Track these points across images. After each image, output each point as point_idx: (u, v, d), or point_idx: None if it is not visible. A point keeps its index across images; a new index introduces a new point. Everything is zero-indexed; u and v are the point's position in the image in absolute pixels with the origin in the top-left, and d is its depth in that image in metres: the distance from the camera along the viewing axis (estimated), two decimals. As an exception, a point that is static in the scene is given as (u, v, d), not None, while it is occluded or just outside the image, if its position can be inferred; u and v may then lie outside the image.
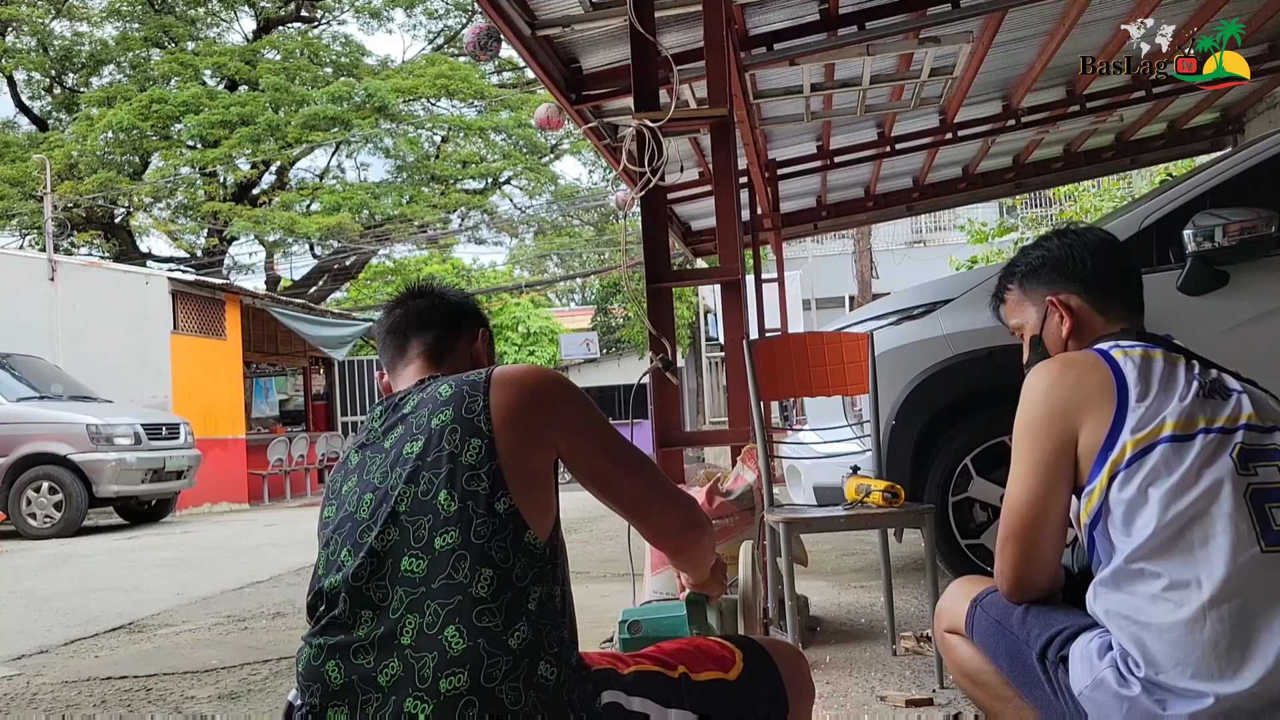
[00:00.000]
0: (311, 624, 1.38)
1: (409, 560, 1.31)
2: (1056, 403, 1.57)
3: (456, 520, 1.31)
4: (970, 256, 14.56)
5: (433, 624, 1.27)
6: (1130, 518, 1.48)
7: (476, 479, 1.34)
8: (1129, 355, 1.57)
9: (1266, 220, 3.26)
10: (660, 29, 4.22)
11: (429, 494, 1.34)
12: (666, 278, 3.74)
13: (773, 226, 9.21)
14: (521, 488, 1.35)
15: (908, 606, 3.79)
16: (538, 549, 1.34)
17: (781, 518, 2.86)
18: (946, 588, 1.84)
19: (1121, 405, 1.52)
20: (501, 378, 1.42)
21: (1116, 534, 1.50)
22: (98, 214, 21.46)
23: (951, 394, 3.61)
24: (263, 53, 22.74)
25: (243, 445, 14.30)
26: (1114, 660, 1.43)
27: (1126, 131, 9.16)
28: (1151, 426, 1.49)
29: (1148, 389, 1.53)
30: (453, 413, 1.39)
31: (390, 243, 23.73)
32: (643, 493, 1.50)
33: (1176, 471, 1.46)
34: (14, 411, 10.23)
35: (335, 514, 1.45)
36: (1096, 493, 1.52)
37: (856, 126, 7.99)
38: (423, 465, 1.36)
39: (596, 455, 1.46)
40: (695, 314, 22.33)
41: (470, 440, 1.36)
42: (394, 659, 1.27)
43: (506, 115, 22.56)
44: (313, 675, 1.32)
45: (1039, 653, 1.53)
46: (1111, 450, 1.51)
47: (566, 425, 1.43)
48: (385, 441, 1.44)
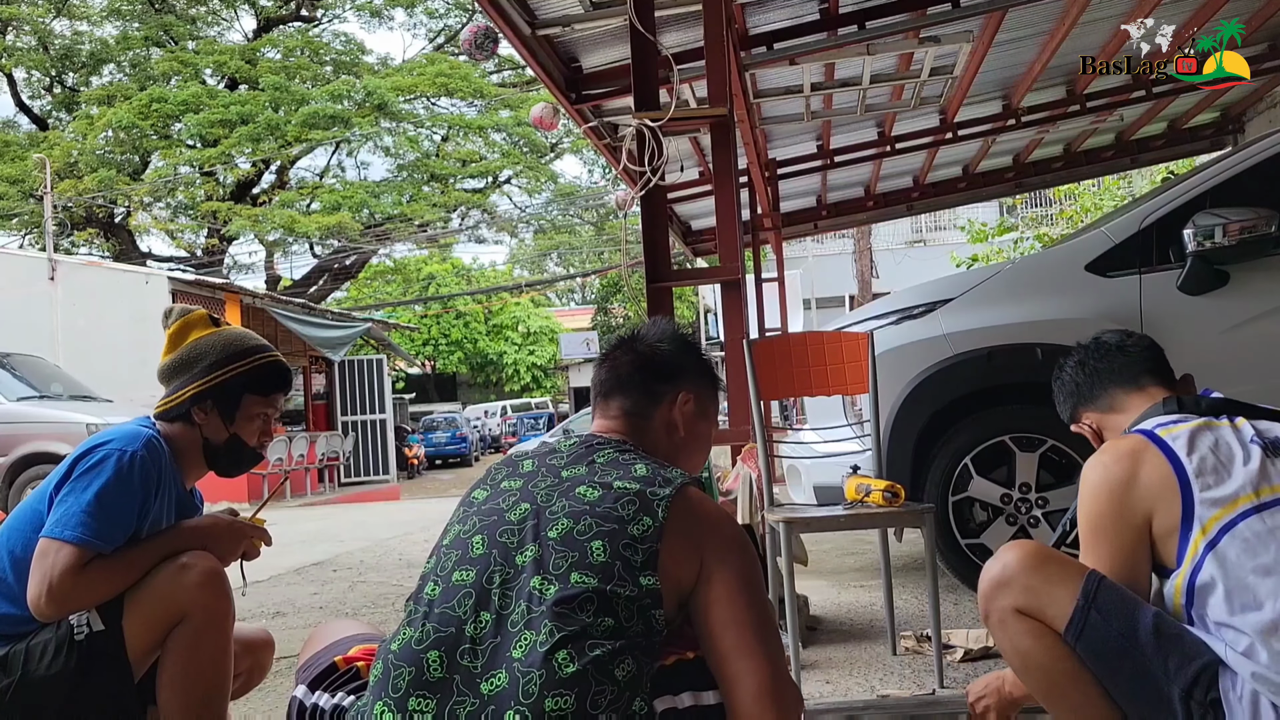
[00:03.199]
0: (418, 601, 1.39)
1: (541, 580, 1.33)
2: (1118, 494, 1.61)
3: (600, 570, 1.34)
4: (970, 256, 14.55)
5: (545, 643, 1.27)
6: (1232, 594, 1.48)
7: (633, 549, 1.37)
8: (1174, 433, 1.61)
9: (1267, 220, 3.25)
10: (660, 28, 4.22)
11: (584, 535, 1.37)
12: (666, 277, 3.74)
13: (773, 226, 9.21)
14: (667, 582, 1.37)
15: (908, 606, 3.79)
16: (658, 627, 1.35)
17: (781, 517, 2.86)
18: (1004, 554, 1.68)
19: (1184, 485, 1.55)
20: (694, 491, 1.46)
21: (1217, 608, 1.50)
22: (97, 213, 21.47)
23: (951, 394, 3.60)
24: (263, 52, 22.75)
25: (242, 445, 14.30)
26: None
27: (1126, 131, 9.16)
28: (1227, 503, 1.51)
29: (1204, 464, 1.55)
30: (638, 487, 1.42)
31: (390, 242, 23.74)
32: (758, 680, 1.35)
33: (1270, 541, 1.47)
34: (14, 411, 10.22)
35: (484, 500, 1.50)
36: (1182, 574, 1.54)
37: (856, 126, 7.99)
38: (589, 512, 1.40)
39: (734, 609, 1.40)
40: (695, 313, 22.34)
41: (643, 518, 1.39)
42: (502, 670, 1.28)
43: (506, 114, 22.57)
44: (410, 658, 1.32)
45: (1184, 690, 1.47)
46: (1191, 530, 1.53)
47: (723, 563, 1.41)
48: (564, 471, 1.49)
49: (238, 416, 2.09)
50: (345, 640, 1.63)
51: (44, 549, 1.84)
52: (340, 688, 1.51)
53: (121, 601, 1.88)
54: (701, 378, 1.68)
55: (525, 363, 28.54)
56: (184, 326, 2.13)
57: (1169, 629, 1.51)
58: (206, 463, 2.11)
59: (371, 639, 1.64)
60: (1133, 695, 1.53)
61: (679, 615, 1.41)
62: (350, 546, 7.47)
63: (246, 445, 2.12)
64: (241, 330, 2.19)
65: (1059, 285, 3.61)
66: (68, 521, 1.84)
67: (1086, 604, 1.55)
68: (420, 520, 9.37)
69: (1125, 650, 1.52)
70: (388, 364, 19.59)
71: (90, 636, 1.85)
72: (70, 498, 1.87)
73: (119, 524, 1.90)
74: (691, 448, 1.68)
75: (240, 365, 2.09)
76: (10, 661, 1.84)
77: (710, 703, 1.36)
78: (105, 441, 1.95)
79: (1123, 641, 1.52)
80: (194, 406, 2.06)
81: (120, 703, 1.88)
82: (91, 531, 1.84)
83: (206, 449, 2.09)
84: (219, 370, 2.07)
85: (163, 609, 1.88)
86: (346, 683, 1.52)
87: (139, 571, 1.90)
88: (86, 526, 1.84)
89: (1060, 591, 1.58)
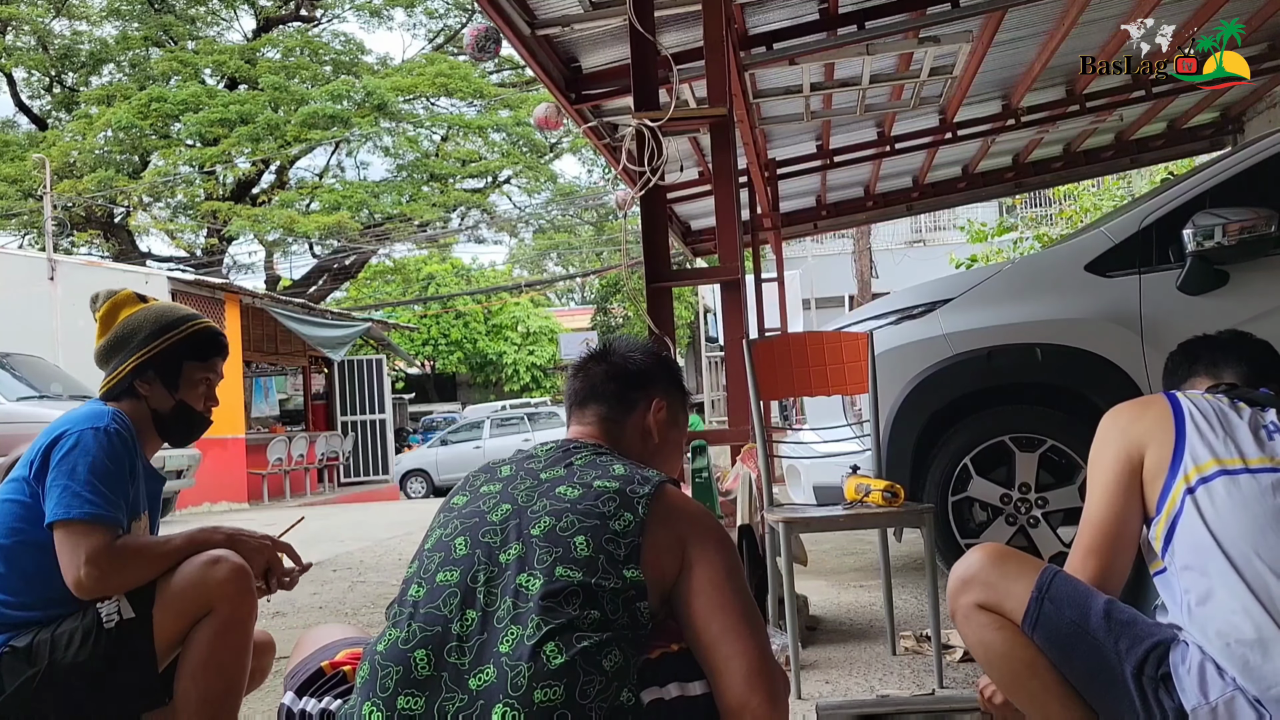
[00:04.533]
0: (403, 603, 1.41)
1: (526, 576, 1.36)
2: (1120, 427, 1.73)
3: (584, 565, 1.36)
4: (970, 256, 14.54)
5: (533, 636, 1.29)
6: (1195, 543, 1.55)
7: (616, 544, 1.40)
8: (1192, 398, 1.71)
9: (1266, 220, 3.25)
10: (660, 28, 4.22)
11: (567, 531, 1.40)
12: (666, 277, 3.75)
13: (772, 226, 9.21)
14: (650, 574, 1.40)
15: (907, 606, 3.79)
16: (643, 620, 1.37)
17: (781, 517, 2.86)
18: (969, 555, 1.76)
19: (1180, 433, 1.64)
20: (672, 489, 1.51)
21: (1185, 553, 1.56)
22: (97, 213, 21.46)
23: (951, 394, 3.60)
24: (262, 51, 22.74)
25: (242, 445, 14.30)
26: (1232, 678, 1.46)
27: (1126, 131, 9.16)
28: (1209, 459, 1.59)
29: (1206, 423, 1.64)
30: (618, 485, 1.46)
31: (390, 242, 23.73)
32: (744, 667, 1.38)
33: (1229, 505, 1.54)
34: (14, 411, 10.21)
35: (464, 504, 1.53)
36: (1164, 518, 1.61)
37: (856, 126, 7.99)
38: (571, 510, 1.43)
39: (716, 600, 1.43)
40: (695, 313, 22.33)
41: (624, 514, 1.43)
42: (489, 665, 1.30)
43: (506, 114, 22.57)
44: (397, 657, 1.33)
45: (1135, 668, 1.52)
46: (1176, 475, 1.61)
47: (705, 553, 1.45)
48: (543, 474, 1.52)
49: (180, 383, 2.12)
50: (332, 645, 1.64)
51: (66, 532, 1.86)
52: (327, 692, 1.52)
53: (153, 589, 1.91)
54: (672, 386, 1.73)
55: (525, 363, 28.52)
56: (113, 307, 2.16)
57: (1120, 615, 1.58)
58: (159, 433, 2.14)
59: (358, 643, 1.64)
60: (1089, 679, 1.59)
61: (663, 609, 1.43)
62: (350, 547, 7.47)
63: (194, 410, 2.16)
64: (169, 303, 2.24)
65: (1059, 285, 3.61)
66: (73, 502, 1.87)
67: (1040, 595, 1.63)
68: (420, 521, 9.37)
69: (1078, 636, 1.58)
70: (387, 364, 19.60)
71: (120, 625, 1.88)
72: (64, 480, 1.89)
73: (119, 494, 1.94)
74: (665, 453, 1.73)
75: (175, 333, 2.12)
76: (36, 650, 1.86)
77: (696, 693, 1.38)
78: (71, 426, 1.97)
79: (1075, 628, 1.59)
80: (136, 380, 2.09)
81: (146, 691, 1.92)
82: (101, 505, 1.88)
83: (156, 420, 2.12)
84: (155, 340, 2.10)
85: (192, 600, 1.91)
86: (333, 687, 1.52)
87: (171, 560, 1.94)
88: (94, 503, 1.87)
89: (1017, 586, 1.66)
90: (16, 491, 1.97)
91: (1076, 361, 3.46)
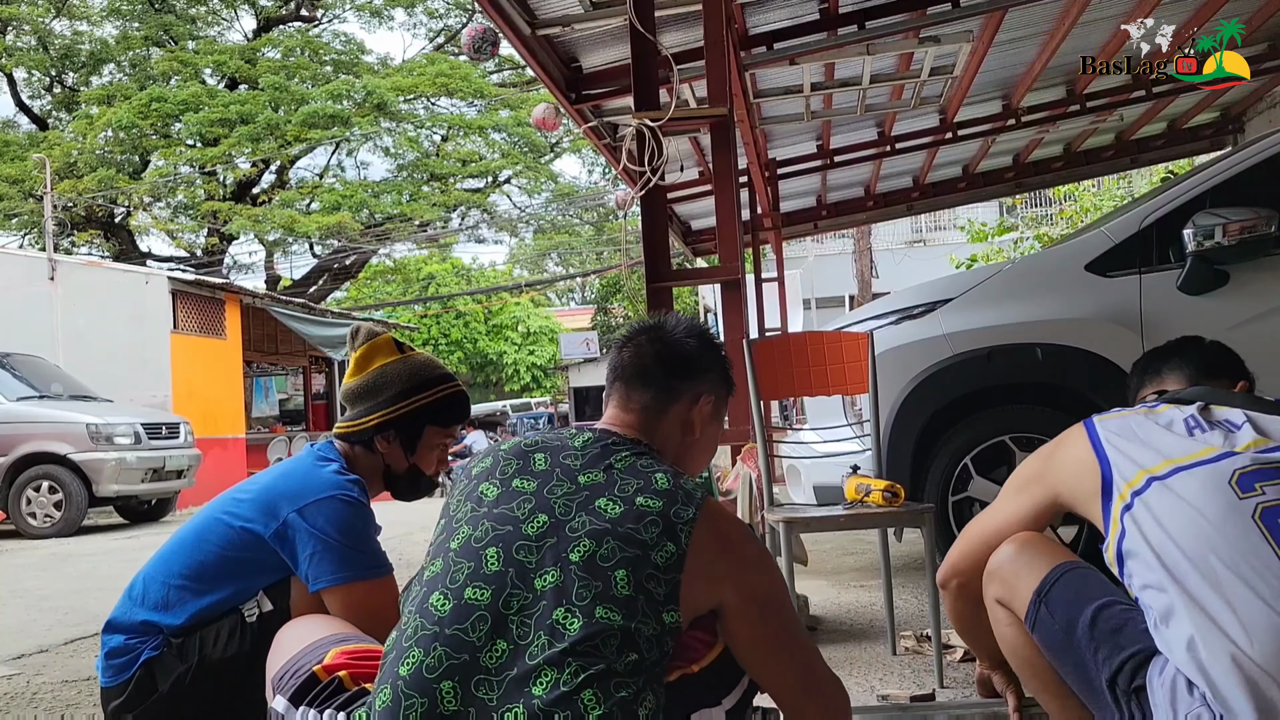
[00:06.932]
0: (424, 612, 1.33)
1: (564, 613, 1.30)
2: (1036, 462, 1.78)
3: (624, 606, 1.31)
4: (970, 256, 14.54)
5: (569, 682, 1.25)
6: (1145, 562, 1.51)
7: (656, 581, 1.35)
8: (1104, 418, 1.70)
9: (1266, 219, 3.25)
10: (660, 28, 4.22)
11: (607, 562, 1.34)
12: (666, 277, 3.75)
13: (773, 226, 9.22)
14: (687, 612, 1.38)
15: (908, 606, 3.79)
16: (668, 650, 1.36)
17: (781, 517, 2.86)
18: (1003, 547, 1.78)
19: (1101, 456, 1.62)
20: (714, 508, 1.45)
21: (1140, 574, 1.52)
22: (97, 213, 21.46)
23: (951, 394, 3.60)
24: (263, 51, 22.73)
25: (243, 445, 14.30)
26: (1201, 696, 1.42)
27: (1126, 131, 9.16)
28: (1136, 471, 1.56)
29: (1121, 438, 1.63)
30: (661, 505, 1.39)
31: (390, 242, 23.74)
32: (792, 687, 1.47)
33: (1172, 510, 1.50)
34: (14, 411, 10.21)
35: (495, 499, 1.44)
36: (1110, 543, 1.58)
37: (856, 126, 7.99)
38: (612, 533, 1.36)
39: (756, 629, 1.44)
40: (695, 314, 22.33)
41: (666, 543, 1.37)
42: (519, 706, 1.24)
43: (506, 114, 22.56)
44: (421, 687, 1.27)
45: (1109, 680, 1.52)
46: (1111, 499, 1.58)
47: (742, 584, 1.43)
48: (581, 476, 1.44)
49: (419, 447, 2.15)
50: (320, 643, 1.58)
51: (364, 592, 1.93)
52: (325, 703, 1.45)
53: (288, 582, 1.97)
54: (721, 380, 1.67)
55: (525, 363, 28.54)
56: (371, 351, 2.17)
57: (1105, 624, 1.56)
58: (386, 486, 2.19)
59: (346, 639, 1.59)
60: (1076, 685, 1.61)
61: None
62: (350, 546, 7.45)
63: (424, 474, 2.19)
64: (426, 358, 2.24)
65: (1059, 285, 3.61)
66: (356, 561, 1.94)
67: (1038, 598, 1.64)
68: (421, 520, 9.35)
69: (1066, 644, 1.59)
70: (388, 364, 19.53)
71: (260, 617, 1.94)
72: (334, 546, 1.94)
73: (378, 551, 2.02)
74: (701, 448, 1.68)
75: (424, 397, 2.13)
76: (187, 648, 1.95)
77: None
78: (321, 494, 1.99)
79: (1064, 636, 1.60)
80: (377, 435, 2.12)
81: None
82: (378, 561, 1.99)
83: (387, 475, 2.16)
84: (403, 401, 2.11)
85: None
86: (332, 696, 1.45)
87: None
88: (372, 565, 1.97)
89: (1024, 585, 1.68)
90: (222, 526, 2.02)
91: (1077, 361, 3.46)
